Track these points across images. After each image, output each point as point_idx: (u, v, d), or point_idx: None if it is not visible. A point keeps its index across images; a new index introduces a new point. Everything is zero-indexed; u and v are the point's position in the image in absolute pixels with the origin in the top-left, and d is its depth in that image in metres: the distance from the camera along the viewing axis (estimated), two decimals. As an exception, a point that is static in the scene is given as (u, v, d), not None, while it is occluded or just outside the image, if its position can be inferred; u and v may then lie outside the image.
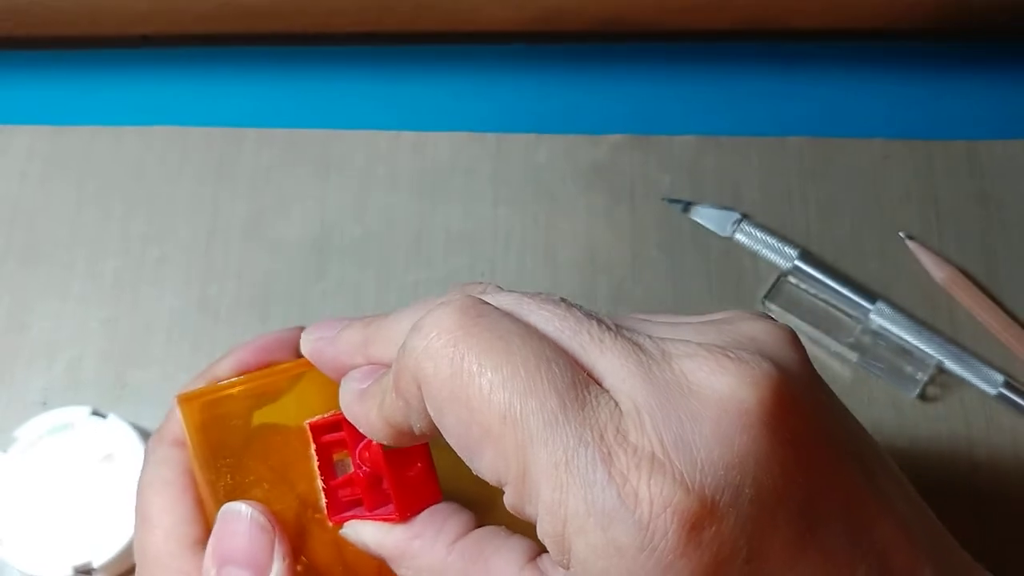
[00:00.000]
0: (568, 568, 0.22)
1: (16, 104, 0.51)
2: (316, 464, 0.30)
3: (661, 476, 0.21)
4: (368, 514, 0.29)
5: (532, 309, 0.24)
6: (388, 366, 0.26)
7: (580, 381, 0.22)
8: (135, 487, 0.38)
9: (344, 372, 0.28)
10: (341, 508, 0.30)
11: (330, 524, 0.30)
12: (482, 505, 0.29)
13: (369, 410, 0.26)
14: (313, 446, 0.30)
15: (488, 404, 0.22)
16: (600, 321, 0.24)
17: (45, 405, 0.44)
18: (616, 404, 0.22)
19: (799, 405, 0.22)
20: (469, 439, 0.23)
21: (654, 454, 0.21)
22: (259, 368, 0.32)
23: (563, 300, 0.25)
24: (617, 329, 0.24)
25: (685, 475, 0.21)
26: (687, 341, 0.23)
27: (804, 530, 0.22)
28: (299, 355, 0.31)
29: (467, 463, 0.23)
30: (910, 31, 0.54)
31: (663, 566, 0.21)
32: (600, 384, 0.23)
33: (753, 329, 0.24)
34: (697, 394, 0.22)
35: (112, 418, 0.41)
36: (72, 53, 0.53)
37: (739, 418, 0.22)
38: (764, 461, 0.21)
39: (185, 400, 0.31)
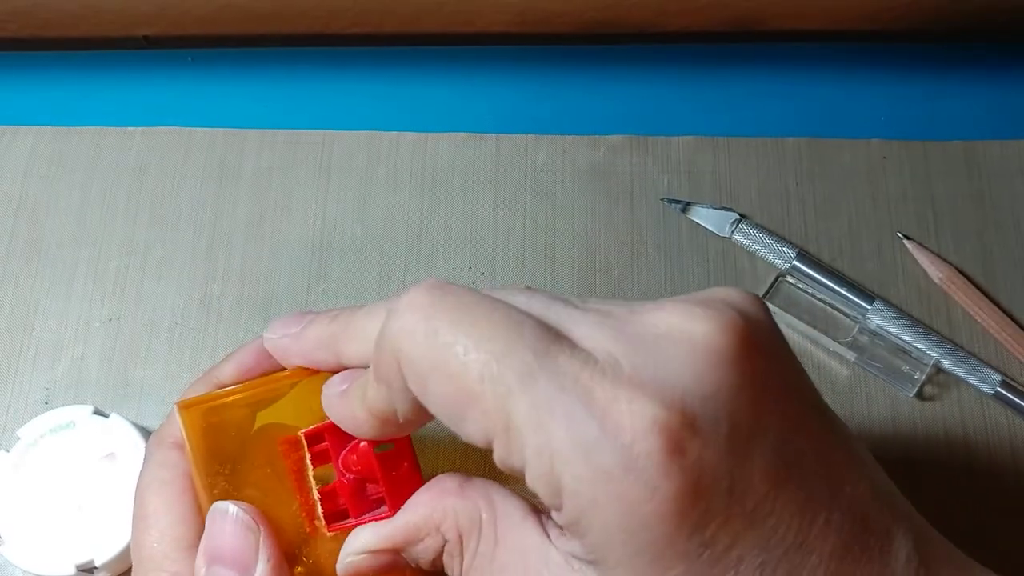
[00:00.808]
0: (561, 509, 0.23)
1: (19, 105, 0.52)
2: (311, 474, 0.30)
3: (642, 402, 0.22)
4: (364, 518, 0.29)
5: (510, 299, 0.25)
6: (362, 367, 0.27)
7: (551, 337, 0.23)
8: (135, 487, 0.38)
9: (311, 365, 0.29)
10: (337, 517, 0.30)
11: (329, 534, 0.30)
12: None
13: (353, 405, 0.27)
14: (308, 455, 0.30)
15: (465, 368, 0.23)
16: (567, 300, 0.25)
17: (47, 404, 0.45)
18: (591, 356, 0.23)
19: (766, 352, 0.24)
20: (453, 406, 0.24)
21: (632, 387, 0.22)
22: (259, 371, 0.33)
23: (528, 287, 0.26)
24: (584, 301, 0.25)
25: (665, 401, 0.22)
26: (658, 302, 0.25)
27: (781, 466, 0.22)
28: None
29: (456, 431, 0.24)
30: (907, 32, 0.55)
31: (649, 488, 0.21)
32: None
33: (723, 292, 0.26)
34: (669, 338, 0.23)
35: (114, 417, 0.42)
36: (75, 54, 0.53)
37: (711, 357, 0.23)
38: (736, 398, 0.22)
39: (185, 407, 0.31)
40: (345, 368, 0.29)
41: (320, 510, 0.30)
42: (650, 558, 0.22)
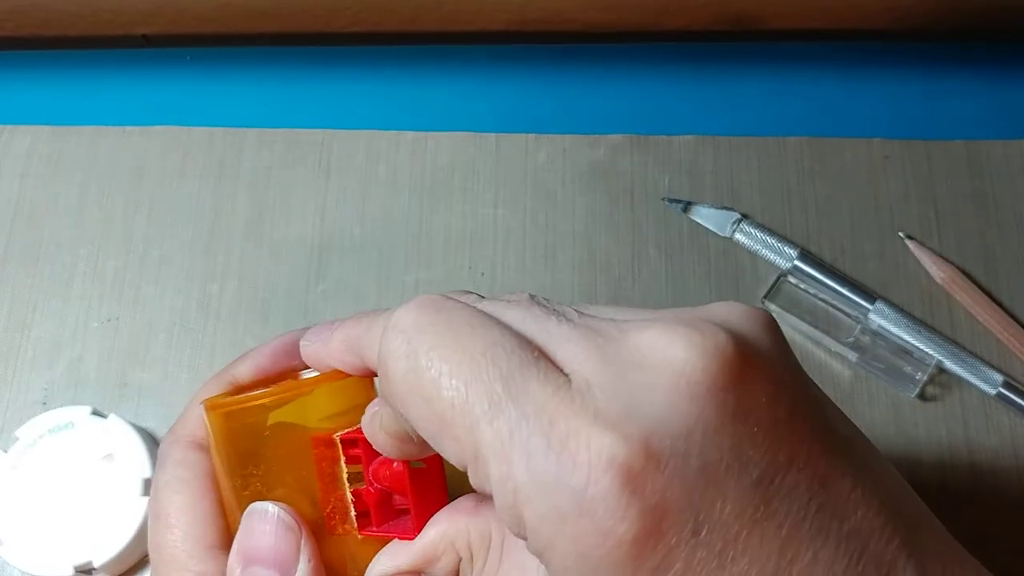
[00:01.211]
0: (526, 540, 0.23)
1: (17, 104, 0.52)
2: (345, 477, 0.30)
3: (602, 436, 0.21)
4: (387, 527, 0.29)
5: (502, 312, 0.25)
6: None
7: (529, 361, 0.23)
8: (142, 487, 0.38)
9: (342, 368, 0.29)
10: (365, 520, 0.30)
11: (360, 536, 0.30)
12: None
13: (375, 426, 0.27)
14: (343, 458, 0.30)
15: (439, 394, 0.23)
16: (562, 314, 0.25)
17: (46, 405, 0.44)
18: (567, 380, 0.22)
19: (758, 377, 0.22)
20: (431, 430, 0.24)
21: (596, 419, 0.21)
22: (276, 372, 0.32)
23: (531, 297, 0.26)
24: (580, 316, 0.24)
25: (628, 438, 0.21)
26: (650, 319, 0.23)
27: (761, 502, 0.21)
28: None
29: (439, 452, 0.24)
30: (910, 31, 0.54)
31: (603, 531, 0.21)
32: (562, 371, 0.23)
33: (724, 309, 0.24)
34: (649, 365, 0.22)
35: (112, 418, 0.41)
36: (73, 53, 0.53)
37: (689, 387, 0.22)
38: (712, 431, 0.21)
39: (211, 408, 0.31)
40: (371, 371, 0.29)
41: (353, 513, 0.30)
42: None
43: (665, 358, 0.22)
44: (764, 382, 0.22)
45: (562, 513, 0.21)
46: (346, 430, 0.30)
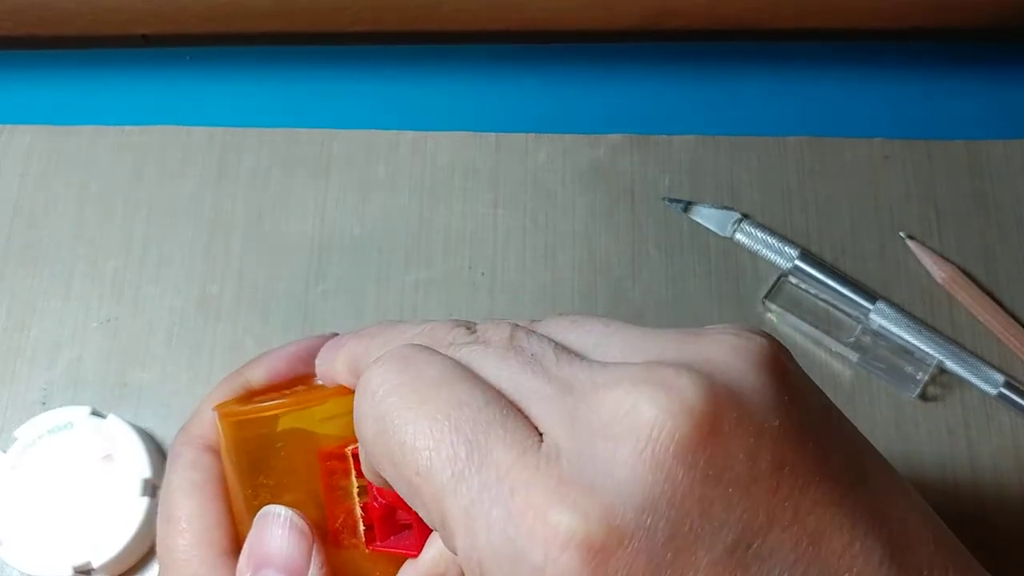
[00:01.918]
0: None
1: (17, 104, 0.51)
2: (355, 491, 0.30)
3: (560, 511, 0.20)
4: (390, 542, 0.29)
5: (479, 360, 0.24)
6: None
7: (496, 421, 0.22)
8: (142, 487, 0.38)
9: (348, 387, 0.29)
10: (370, 534, 0.30)
11: (367, 551, 0.30)
12: None
13: (366, 462, 0.27)
14: (354, 472, 0.30)
15: (405, 460, 0.22)
16: (539, 362, 0.23)
17: (45, 405, 0.44)
18: (537, 441, 0.21)
19: (733, 432, 0.21)
20: (403, 493, 0.23)
21: (558, 490, 0.20)
22: (292, 376, 0.32)
23: (512, 336, 0.24)
24: (558, 362, 0.23)
25: (587, 514, 0.20)
26: (626, 365, 0.22)
27: (734, 570, 0.20)
28: None
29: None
30: (910, 31, 0.54)
31: None
32: (536, 429, 0.22)
33: (713, 346, 0.22)
34: (616, 430, 0.21)
35: (112, 418, 0.41)
36: (73, 53, 0.53)
37: (653, 455, 0.20)
38: (680, 498, 0.20)
39: (225, 415, 0.30)
40: None
41: (362, 528, 0.30)
42: None
43: (630, 423, 0.21)
44: (742, 435, 0.21)
45: None
46: (355, 445, 0.30)
